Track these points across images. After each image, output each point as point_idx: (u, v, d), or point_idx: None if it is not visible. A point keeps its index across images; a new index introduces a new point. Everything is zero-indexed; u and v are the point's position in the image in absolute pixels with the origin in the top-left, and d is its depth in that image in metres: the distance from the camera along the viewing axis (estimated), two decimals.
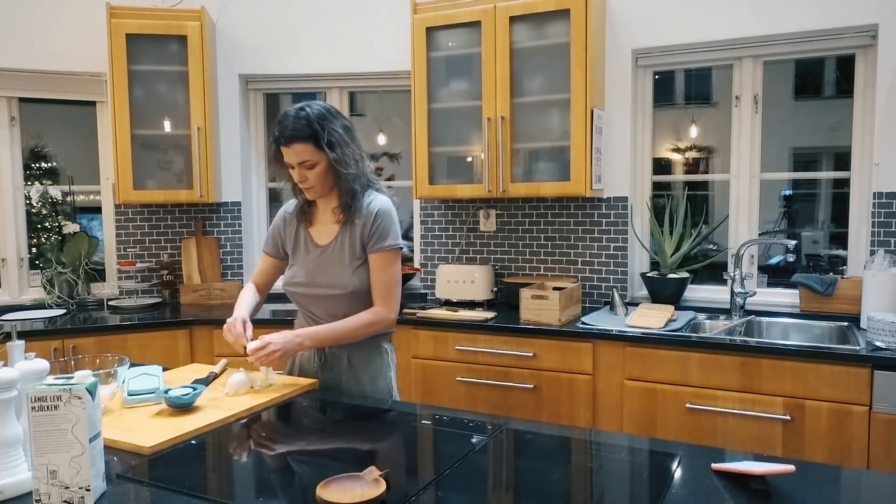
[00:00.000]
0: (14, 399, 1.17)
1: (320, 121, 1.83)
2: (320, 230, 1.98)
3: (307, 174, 1.86)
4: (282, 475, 1.30)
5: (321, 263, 1.94)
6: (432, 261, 3.59)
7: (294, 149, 1.83)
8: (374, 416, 1.70)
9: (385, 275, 1.90)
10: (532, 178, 3.07)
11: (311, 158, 1.84)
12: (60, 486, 1.10)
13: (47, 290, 3.53)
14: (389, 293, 1.91)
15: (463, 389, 2.89)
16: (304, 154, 1.83)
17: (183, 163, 3.48)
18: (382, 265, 1.90)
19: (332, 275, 1.91)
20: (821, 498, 1.15)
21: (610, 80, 3.15)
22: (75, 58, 3.52)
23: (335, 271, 1.91)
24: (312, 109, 1.84)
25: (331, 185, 1.90)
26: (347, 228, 1.92)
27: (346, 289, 1.90)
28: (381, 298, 1.90)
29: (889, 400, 2.19)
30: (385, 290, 1.90)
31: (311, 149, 1.83)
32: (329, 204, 1.96)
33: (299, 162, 1.84)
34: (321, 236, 1.97)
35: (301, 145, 1.82)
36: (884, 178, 2.72)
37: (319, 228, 1.98)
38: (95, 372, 1.54)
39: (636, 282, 3.26)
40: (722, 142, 4.88)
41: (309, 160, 1.84)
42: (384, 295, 1.90)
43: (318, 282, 1.93)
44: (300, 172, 1.86)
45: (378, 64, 3.57)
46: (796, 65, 7.61)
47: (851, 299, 2.74)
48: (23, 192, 3.61)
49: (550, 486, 1.21)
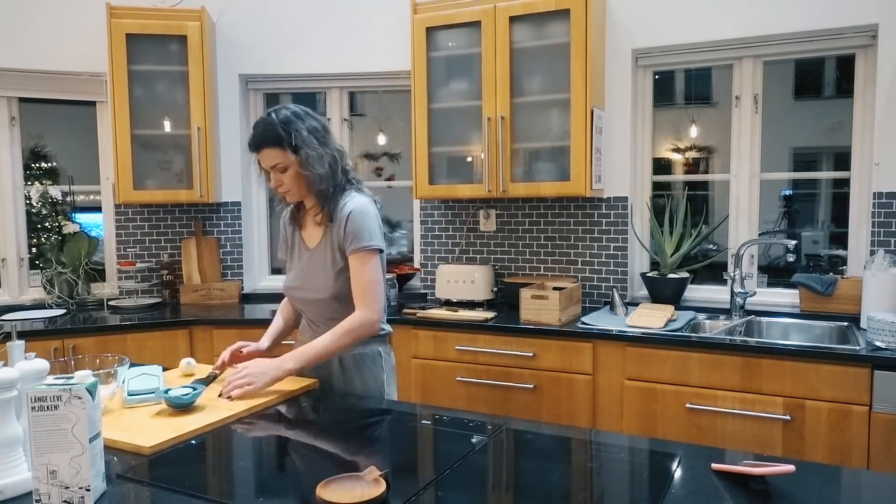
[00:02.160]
0: (14, 399, 1.17)
1: (285, 124, 1.84)
2: (310, 233, 1.99)
3: (281, 178, 1.88)
4: (282, 475, 1.30)
5: (309, 267, 1.95)
6: (432, 261, 3.59)
7: (263, 154, 1.86)
8: (374, 416, 1.70)
9: (361, 276, 1.85)
10: (532, 178, 3.07)
11: (280, 162, 1.85)
12: (60, 486, 1.10)
13: (47, 290, 3.53)
14: (367, 295, 1.84)
15: (463, 389, 2.89)
16: (273, 158, 1.85)
17: (183, 163, 3.48)
18: (358, 266, 1.85)
19: (317, 278, 1.92)
20: (821, 498, 1.15)
21: (610, 80, 3.15)
22: (75, 58, 3.52)
23: (319, 275, 1.91)
24: (279, 113, 1.86)
25: (307, 187, 1.90)
26: (329, 231, 1.91)
27: (326, 293, 1.89)
28: (359, 301, 1.85)
29: (889, 400, 2.19)
30: (362, 292, 1.85)
31: (279, 152, 1.84)
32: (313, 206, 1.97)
33: (271, 166, 1.87)
34: (310, 239, 1.98)
35: (269, 150, 1.85)
36: (884, 178, 2.72)
37: (309, 231, 1.99)
38: (95, 372, 1.54)
39: (636, 282, 3.26)
40: (722, 142, 4.88)
41: (279, 164, 1.86)
42: (362, 298, 1.85)
43: (305, 285, 1.95)
44: (275, 176, 1.89)
45: (378, 64, 3.57)
46: (796, 65, 7.60)
47: (851, 299, 2.74)
48: (23, 192, 3.61)
49: (550, 486, 1.21)
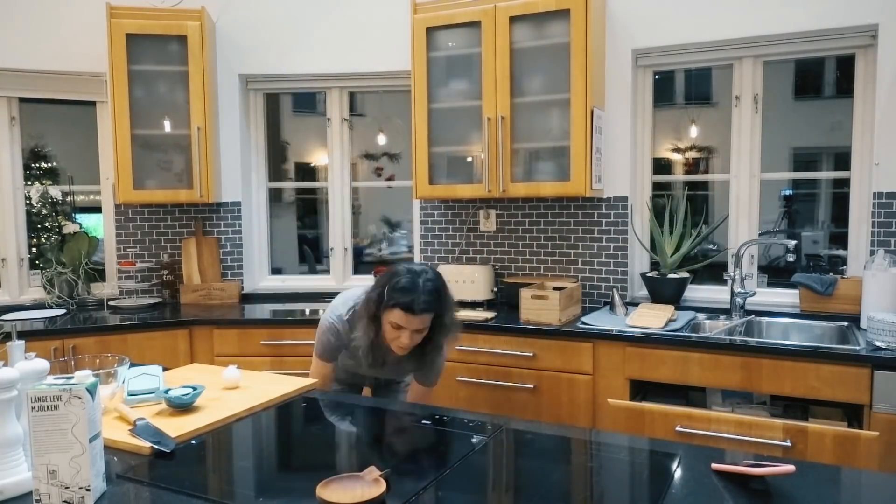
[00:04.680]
0: (14, 399, 1.17)
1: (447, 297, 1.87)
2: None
3: (416, 338, 1.86)
4: (282, 475, 1.30)
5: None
6: (432, 261, 3.59)
7: (421, 318, 1.82)
8: (374, 415, 1.70)
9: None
10: (532, 178, 3.07)
11: (426, 327, 1.86)
12: (60, 486, 1.10)
13: (47, 290, 3.53)
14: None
15: (463, 389, 2.89)
16: (424, 323, 1.84)
17: (183, 163, 3.48)
18: None
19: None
20: (821, 498, 1.15)
21: (610, 80, 3.15)
22: (75, 58, 3.52)
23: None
24: (438, 281, 1.86)
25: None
26: None
27: None
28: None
29: (889, 400, 2.19)
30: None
31: (430, 320, 1.85)
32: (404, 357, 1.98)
33: (415, 329, 1.83)
34: None
35: (429, 316, 1.84)
36: (884, 178, 2.72)
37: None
38: (95, 372, 1.54)
39: (636, 282, 3.26)
40: (722, 142, 4.88)
41: (424, 329, 1.85)
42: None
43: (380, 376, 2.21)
44: (409, 336, 1.84)
45: (378, 64, 3.57)
46: (796, 65, 7.60)
47: (851, 299, 2.74)
48: (23, 192, 3.61)
49: (550, 486, 1.21)
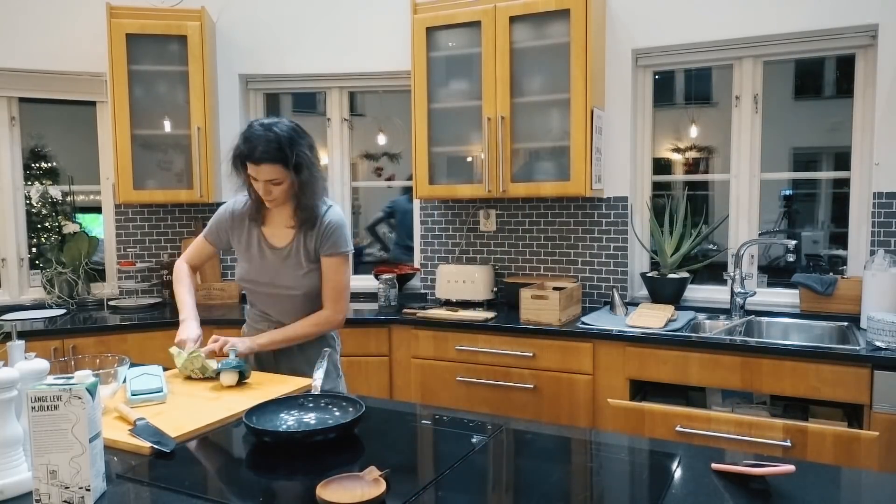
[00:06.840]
0: (14, 399, 1.17)
1: (290, 144, 1.89)
2: (274, 232, 2.06)
3: (272, 189, 1.93)
4: (282, 475, 1.30)
5: (276, 265, 2.05)
6: (432, 261, 3.59)
7: (263, 168, 1.89)
8: (374, 415, 1.70)
9: (335, 279, 2.04)
10: (532, 178, 3.07)
11: (278, 177, 1.91)
12: (60, 486, 1.10)
13: (47, 290, 3.53)
14: (339, 296, 2.05)
15: (463, 389, 2.89)
16: (272, 174, 1.90)
17: (183, 163, 3.48)
18: (334, 269, 2.04)
19: (287, 277, 2.03)
20: (821, 498, 1.15)
21: (610, 80, 3.15)
22: (75, 58, 3.52)
23: (289, 274, 2.03)
24: (281, 130, 1.90)
25: (293, 198, 1.99)
26: (302, 234, 2.02)
27: (301, 290, 2.03)
28: (330, 301, 2.05)
29: (889, 400, 2.19)
30: (335, 293, 2.05)
31: (280, 169, 1.90)
32: (284, 210, 2.03)
33: (266, 179, 1.91)
34: (276, 238, 2.06)
35: (270, 166, 1.89)
36: (884, 178, 2.72)
37: (273, 230, 2.07)
38: (95, 372, 1.54)
39: (636, 282, 3.26)
40: (722, 142, 4.88)
41: (276, 179, 1.91)
42: (334, 298, 2.05)
43: (276, 282, 2.05)
44: (265, 187, 1.93)
45: (378, 64, 3.57)
46: (796, 65, 7.60)
47: (851, 299, 2.74)
48: (23, 192, 3.61)
49: (550, 486, 1.21)
